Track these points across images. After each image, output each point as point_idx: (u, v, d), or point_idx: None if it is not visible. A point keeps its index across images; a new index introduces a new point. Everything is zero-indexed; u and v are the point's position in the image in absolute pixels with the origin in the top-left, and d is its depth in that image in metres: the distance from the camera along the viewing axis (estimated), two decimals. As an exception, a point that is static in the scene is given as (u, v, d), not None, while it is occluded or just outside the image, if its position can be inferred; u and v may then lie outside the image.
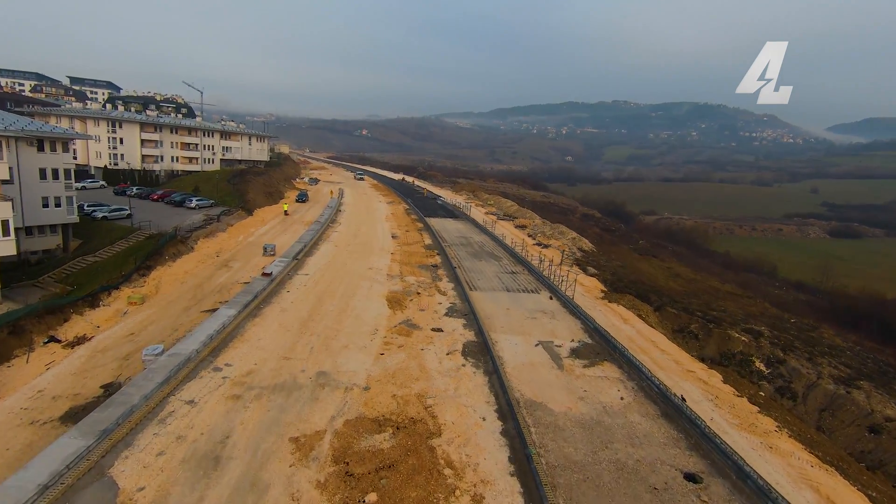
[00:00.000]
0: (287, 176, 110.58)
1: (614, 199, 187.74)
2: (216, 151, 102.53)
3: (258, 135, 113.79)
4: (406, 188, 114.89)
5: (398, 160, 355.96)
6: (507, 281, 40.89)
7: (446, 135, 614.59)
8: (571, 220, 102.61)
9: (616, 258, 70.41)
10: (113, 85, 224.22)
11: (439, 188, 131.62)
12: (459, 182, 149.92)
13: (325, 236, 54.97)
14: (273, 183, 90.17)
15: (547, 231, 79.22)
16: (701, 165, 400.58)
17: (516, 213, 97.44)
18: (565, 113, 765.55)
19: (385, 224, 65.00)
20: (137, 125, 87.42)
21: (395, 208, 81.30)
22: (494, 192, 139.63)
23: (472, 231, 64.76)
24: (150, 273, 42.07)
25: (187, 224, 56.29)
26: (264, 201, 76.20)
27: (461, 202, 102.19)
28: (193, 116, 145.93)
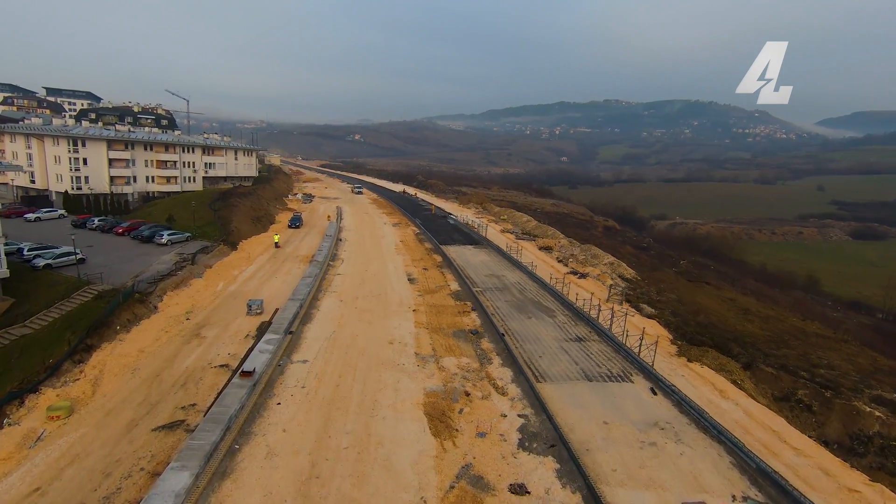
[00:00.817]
0: (278, 193, 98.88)
1: (623, 205, 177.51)
2: (198, 168, 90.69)
3: (245, 148, 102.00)
4: (410, 203, 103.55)
5: (393, 166, 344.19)
6: (579, 356, 29.72)
7: (439, 137, 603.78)
8: (595, 235, 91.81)
9: (665, 287, 59.58)
10: (93, 95, 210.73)
11: (444, 200, 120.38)
12: (464, 192, 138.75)
13: (327, 283, 43.49)
14: (262, 204, 78.51)
15: (578, 254, 68.29)
16: (698, 164, 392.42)
17: (535, 230, 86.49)
18: (558, 113, 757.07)
19: (396, 258, 53.56)
20: (104, 143, 75.44)
21: (404, 232, 69.89)
22: (502, 202, 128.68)
23: (501, 264, 53.51)
24: (89, 357, 30.49)
25: (153, 271, 44.62)
26: (251, 229, 64.57)
27: (472, 218, 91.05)
28: (176, 128, 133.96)
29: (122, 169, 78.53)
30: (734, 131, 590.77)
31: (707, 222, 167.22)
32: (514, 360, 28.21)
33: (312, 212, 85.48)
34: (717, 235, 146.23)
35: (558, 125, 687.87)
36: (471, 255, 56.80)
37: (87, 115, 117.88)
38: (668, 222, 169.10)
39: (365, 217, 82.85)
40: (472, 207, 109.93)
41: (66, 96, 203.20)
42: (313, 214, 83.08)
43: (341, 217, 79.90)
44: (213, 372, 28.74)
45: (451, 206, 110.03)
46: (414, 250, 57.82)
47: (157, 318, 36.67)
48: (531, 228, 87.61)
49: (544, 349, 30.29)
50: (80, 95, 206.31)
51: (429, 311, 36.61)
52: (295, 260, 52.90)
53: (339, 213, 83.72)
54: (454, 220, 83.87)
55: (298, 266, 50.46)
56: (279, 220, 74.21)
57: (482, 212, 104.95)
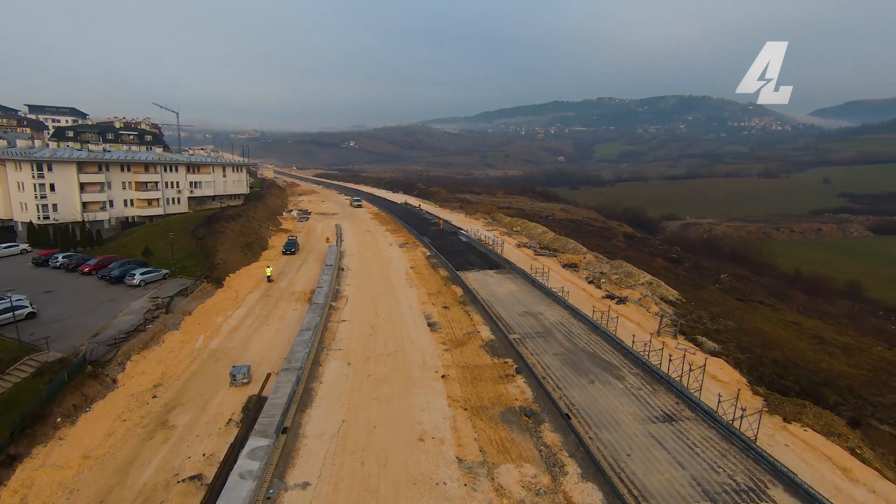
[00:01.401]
0: (271, 211, 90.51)
1: (631, 206, 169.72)
2: (182, 189, 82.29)
3: (234, 164, 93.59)
4: (414, 217, 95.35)
5: (390, 172, 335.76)
6: (680, 450, 21.55)
7: (434, 141, 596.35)
8: (617, 246, 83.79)
9: (717, 310, 51.61)
10: (77, 111, 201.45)
11: (449, 211, 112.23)
12: (469, 201, 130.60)
13: (329, 335, 35.17)
14: (253, 227, 70.15)
15: (609, 273, 60.27)
16: (697, 159, 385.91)
17: (554, 242, 78.46)
18: (551, 112, 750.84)
19: (409, 293, 45.24)
20: (73, 166, 67.05)
21: (413, 255, 61.61)
22: (510, 209, 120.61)
23: (532, 295, 45.27)
24: (10, 476, 22.16)
25: (117, 326, 36.27)
26: (240, 259, 56.23)
27: (483, 232, 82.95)
28: (162, 144, 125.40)
29: (96, 193, 70.11)
30: (729, 125, 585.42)
31: (720, 221, 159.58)
32: (595, 465, 20.02)
33: (309, 232, 77.15)
34: (734, 236, 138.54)
35: (553, 125, 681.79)
36: (494, 283, 48.58)
37: (65, 134, 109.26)
38: (680, 223, 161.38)
39: (367, 236, 74.56)
40: (480, 218, 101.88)
41: (50, 113, 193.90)
42: (310, 235, 74.77)
43: (341, 238, 71.63)
44: (179, 492, 20.50)
45: (457, 217, 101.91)
46: (428, 280, 49.52)
47: (116, 396, 28.38)
48: (549, 241, 79.58)
49: (630, 440, 22.08)
50: (63, 112, 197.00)
51: (462, 377, 28.35)
52: (290, 299, 44.61)
53: (339, 232, 75.45)
54: (465, 235, 75.70)
55: (294, 307, 42.18)
56: (272, 245, 65.86)
57: (492, 223, 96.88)
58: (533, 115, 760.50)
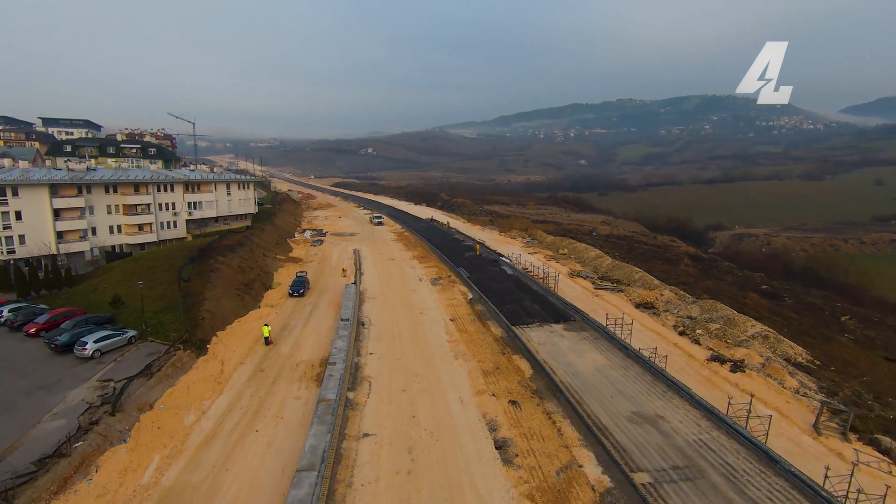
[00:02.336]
0: (281, 234, 78.55)
1: (676, 216, 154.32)
2: (179, 211, 70.85)
3: (240, 180, 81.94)
4: (443, 238, 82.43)
5: (408, 179, 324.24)
6: None
7: (452, 146, 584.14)
8: (687, 271, 69.57)
9: (868, 378, 37.55)
10: (91, 123, 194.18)
11: (480, 228, 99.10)
12: (500, 214, 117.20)
13: (345, 469, 22.34)
14: (256, 258, 58.00)
15: (699, 317, 46.54)
16: (729, 161, 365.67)
17: (613, 270, 64.78)
18: (570, 115, 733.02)
19: (458, 371, 31.98)
20: (45, 189, 55.84)
21: (451, 297, 48.47)
22: (547, 224, 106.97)
23: (631, 374, 31.69)
24: None
25: (32, 446, 23.99)
26: (235, 307, 43.94)
27: (524, 255, 69.61)
28: (170, 158, 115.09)
29: (75, 220, 58.82)
30: (758, 124, 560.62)
31: (775, 231, 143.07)
32: None
33: (323, 261, 64.78)
34: (798, 249, 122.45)
35: (572, 127, 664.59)
36: (570, 348, 35.23)
37: (62, 149, 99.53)
38: (730, 233, 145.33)
39: (392, 266, 61.77)
40: (517, 237, 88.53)
41: (63, 126, 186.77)
42: (324, 265, 62.39)
43: (361, 269, 59.04)
44: None
45: (491, 235, 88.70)
46: (478, 343, 36.31)
47: None
48: (607, 268, 65.87)
49: None
50: (77, 124, 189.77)
51: None
52: (292, 376, 31.99)
53: (358, 261, 62.90)
54: (509, 265, 62.42)
55: (297, 393, 29.54)
56: (278, 282, 53.56)
57: (532, 242, 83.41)
58: (551, 119, 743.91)
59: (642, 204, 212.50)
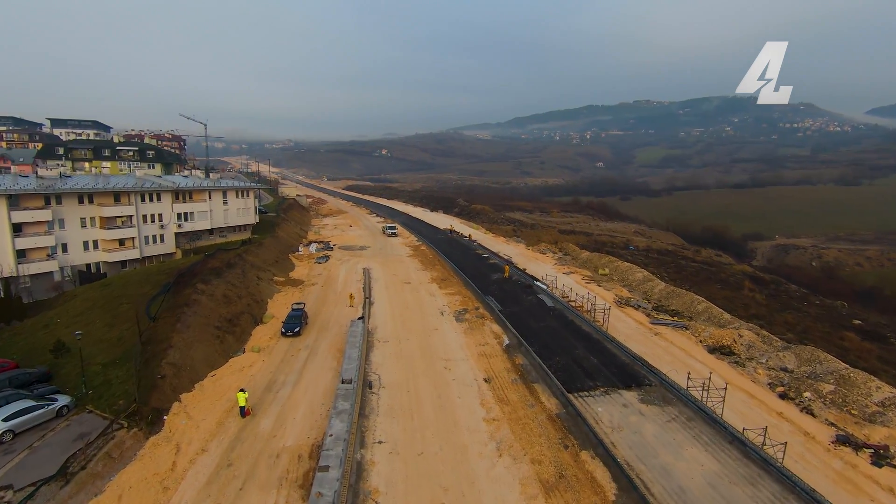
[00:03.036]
0: (283, 248, 69.29)
1: (711, 224, 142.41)
2: (167, 223, 61.97)
3: (239, 188, 72.80)
4: (466, 254, 72.45)
5: (423, 181, 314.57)
6: None
7: (467, 148, 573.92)
8: (756, 300, 58.67)
9: None
10: (100, 124, 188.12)
11: (504, 240, 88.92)
12: (524, 223, 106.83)
13: None
14: (248, 283, 48.63)
15: (798, 370, 36.10)
16: (754, 164, 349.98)
17: (667, 297, 54.27)
18: (586, 117, 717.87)
19: (505, 481, 21.95)
20: (2, 201, 47.24)
21: (482, 344, 38.42)
22: (572, 232, 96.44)
23: (766, 497, 21.41)
24: None
25: None
26: (210, 354, 34.47)
27: (559, 275, 59.29)
28: (171, 161, 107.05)
29: (41, 236, 50.11)
30: (781, 126, 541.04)
31: (821, 243, 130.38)
32: None
33: (328, 283, 55.24)
34: (851, 263, 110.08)
35: (588, 129, 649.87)
36: (659, 440, 24.93)
37: (54, 151, 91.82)
38: (771, 244, 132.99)
39: (407, 293, 51.90)
40: (546, 251, 78.18)
41: (72, 126, 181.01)
42: (328, 290, 52.84)
43: (370, 297, 49.36)
44: None
45: (517, 250, 78.50)
46: (528, 428, 26.13)
47: None
48: (660, 295, 55.31)
49: None
50: (86, 125, 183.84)
51: None
52: (269, 478, 22.26)
53: (368, 285, 53.22)
54: (546, 291, 52.13)
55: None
56: (271, 315, 44.12)
57: (564, 259, 73.04)
58: (567, 120, 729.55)
59: (668, 209, 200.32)
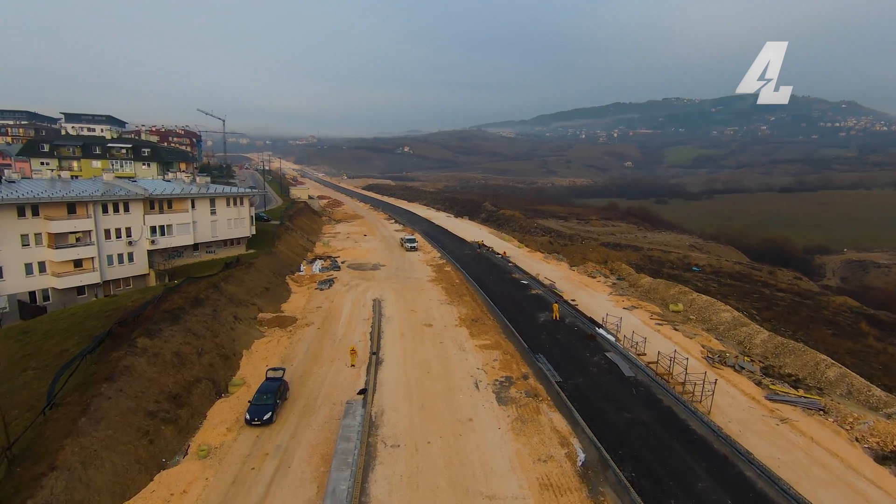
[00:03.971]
0: (281, 266, 56.83)
1: (770, 235, 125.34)
2: (138, 239, 50.07)
3: (231, 195, 60.47)
4: (502, 280, 58.79)
5: (446, 179, 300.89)
6: None
7: (490, 146, 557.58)
8: (888, 352, 43.64)
9: None
10: (114, 119, 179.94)
11: (542, 256, 74.91)
12: (561, 234, 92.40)
13: None
14: (217, 326, 36.05)
15: None
16: (796, 165, 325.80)
17: (774, 351, 39.93)
18: (613, 115, 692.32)
19: None
20: None
21: (540, 449, 24.88)
22: (618, 246, 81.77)
23: None
24: None
25: None
26: (123, 469, 21.72)
27: (620, 311, 45.04)
28: (171, 159, 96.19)
29: (-38, 259, 38.69)
30: (821, 125, 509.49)
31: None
32: None
33: (326, 324, 42.40)
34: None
35: (615, 127, 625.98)
36: None
37: (39, 148, 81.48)
38: (841, 259, 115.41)
39: (428, 345, 38.61)
40: (596, 274, 63.93)
41: (86, 122, 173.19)
42: (325, 334, 39.99)
43: (380, 354, 36.36)
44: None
45: (560, 271, 64.51)
46: None
47: None
48: (762, 347, 40.92)
49: None
50: (99, 120, 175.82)
51: None
52: None
53: (377, 333, 40.19)
54: (614, 345, 38.20)
55: None
56: (240, 381, 31.42)
57: (619, 285, 58.64)
58: (593, 118, 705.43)
59: (709, 215, 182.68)
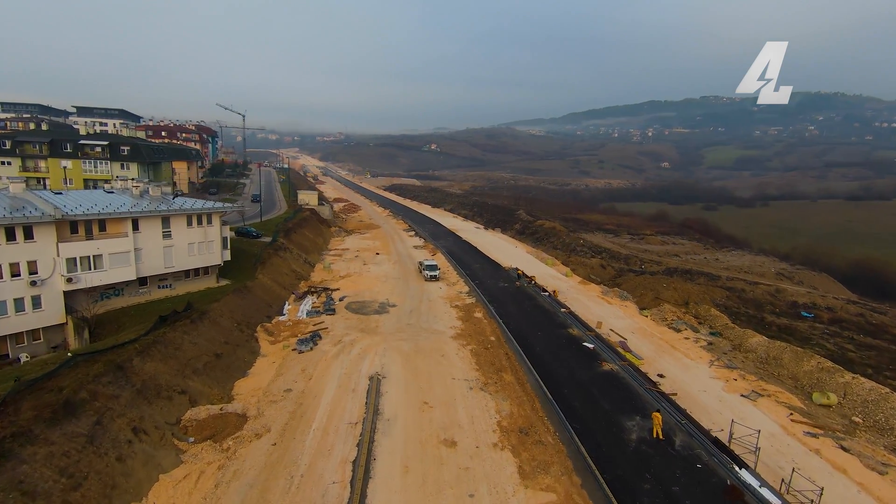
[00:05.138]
0: (255, 307, 41.33)
1: (860, 256, 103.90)
2: (47, 276, 35.17)
3: (193, 212, 45.00)
4: (554, 335, 41.66)
5: (473, 179, 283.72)
6: None
7: (519, 144, 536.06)
8: None
9: None
10: (127, 113, 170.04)
11: (600, 292, 57.28)
12: (616, 255, 74.29)
13: None
14: (98, 450, 20.73)
15: None
16: (854, 169, 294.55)
17: None
18: (647, 113, 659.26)
19: None
20: None
21: None
22: (689, 274, 63.45)
23: None
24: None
25: None
26: None
27: (730, 396, 27.24)
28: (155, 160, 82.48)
29: None
30: (876, 126, 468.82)
31: None
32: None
33: (290, 427, 26.41)
34: None
35: (650, 126, 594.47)
36: None
37: (1, 145, 68.58)
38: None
39: (451, 500, 22.45)
40: (681, 326, 46.11)
41: (98, 115, 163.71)
42: (283, 453, 23.91)
43: None
44: None
45: (626, 314, 47.02)
46: None
47: None
48: None
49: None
50: (112, 114, 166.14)
51: None
52: None
53: (366, 461, 24.06)
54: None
55: None
56: None
57: (717, 346, 40.77)
58: (626, 116, 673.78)
59: (769, 225, 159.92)
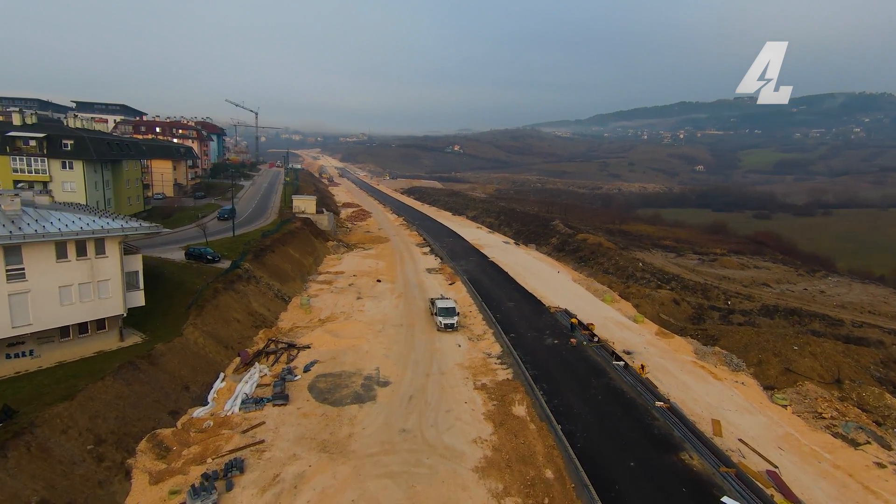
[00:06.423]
0: (158, 392, 24.91)
1: None
2: None
3: (68, 237, 28.77)
4: (660, 474, 23.74)
5: (497, 182, 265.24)
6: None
7: (545, 146, 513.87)
8: None
9: None
10: (128, 108, 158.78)
11: (693, 354, 38.66)
12: (689, 285, 55.43)
13: None
14: None
15: None
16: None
17: None
18: (678, 115, 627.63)
19: None
20: None
21: None
22: (778, 303, 44.27)
23: None
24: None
25: None
26: None
27: None
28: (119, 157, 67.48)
29: None
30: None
31: None
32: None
33: None
34: None
35: (681, 128, 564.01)
36: None
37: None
38: None
39: None
40: (851, 430, 27.59)
41: (98, 111, 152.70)
42: None
43: None
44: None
45: (744, 397, 28.75)
46: None
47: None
48: None
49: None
50: (113, 110, 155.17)
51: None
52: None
53: None
54: None
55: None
56: None
57: None
58: (655, 118, 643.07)
59: (837, 238, 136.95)
